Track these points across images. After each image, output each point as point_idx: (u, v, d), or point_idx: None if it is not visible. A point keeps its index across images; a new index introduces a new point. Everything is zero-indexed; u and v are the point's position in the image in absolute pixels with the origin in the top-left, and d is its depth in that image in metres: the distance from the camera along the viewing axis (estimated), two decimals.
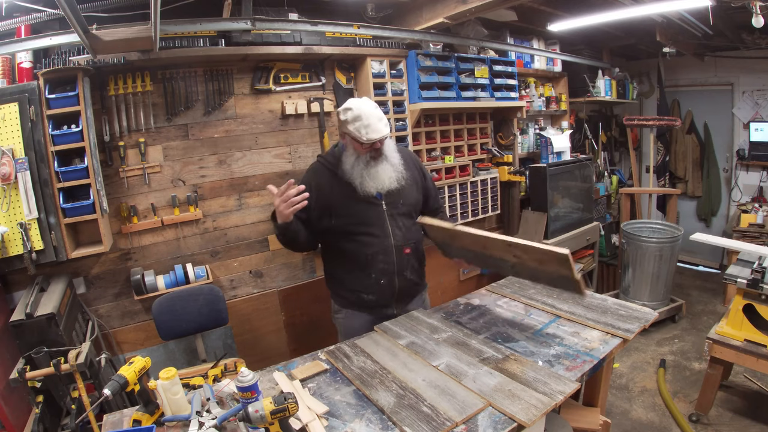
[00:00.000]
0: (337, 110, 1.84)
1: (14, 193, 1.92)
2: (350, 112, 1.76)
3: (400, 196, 1.91)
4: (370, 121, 1.74)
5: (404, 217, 1.93)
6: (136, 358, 1.34)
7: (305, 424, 1.26)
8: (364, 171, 1.82)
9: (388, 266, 1.90)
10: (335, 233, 1.89)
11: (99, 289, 2.38)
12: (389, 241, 1.89)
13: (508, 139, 3.78)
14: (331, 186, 1.87)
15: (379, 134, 1.75)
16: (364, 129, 1.73)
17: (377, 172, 1.83)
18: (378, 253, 1.88)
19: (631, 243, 3.69)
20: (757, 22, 2.54)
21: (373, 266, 1.89)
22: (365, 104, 1.77)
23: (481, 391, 1.34)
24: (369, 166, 1.82)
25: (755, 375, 2.87)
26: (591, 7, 3.06)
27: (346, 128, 1.78)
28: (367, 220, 1.87)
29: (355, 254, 1.89)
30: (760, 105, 4.58)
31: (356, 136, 1.75)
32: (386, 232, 1.89)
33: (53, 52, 2.11)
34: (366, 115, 1.74)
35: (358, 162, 1.82)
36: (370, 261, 1.88)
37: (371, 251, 1.87)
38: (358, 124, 1.74)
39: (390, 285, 1.92)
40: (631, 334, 1.64)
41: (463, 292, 2.26)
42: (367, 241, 1.87)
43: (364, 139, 1.74)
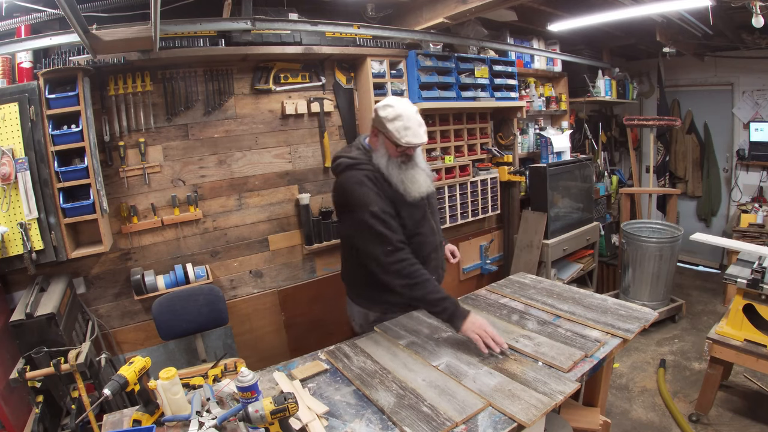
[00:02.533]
0: (375, 105, 1.75)
1: (14, 193, 1.92)
2: (391, 110, 1.67)
3: (432, 193, 1.93)
4: (410, 124, 1.66)
5: (436, 213, 1.99)
6: (136, 358, 1.34)
7: (305, 424, 1.26)
8: (402, 175, 1.75)
9: (438, 262, 1.96)
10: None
11: (99, 289, 2.38)
12: (436, 238, 1.93)
13: (508, 139, 3.78)
14: (391, 191, 1.76)
15: (419, 140, 1.69)
16: (404, 131, 1.66)
17: (414, 176, 1.77)
18: (431, 251, 1.91)
19: (631, 243, 3.69)
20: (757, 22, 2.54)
21: (428, 264, 1.85)
22: (407, 105, 1.70)
23: (481, 391, 1.34)
24: (402, 170, 1.75)
25: (755, 375, 2.87)
26: (591, 7, 3.06)
27: (383, 126, 1.69)
28: (419, 221, 1.86)
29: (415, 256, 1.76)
30: (760, 105, 4.58)
31: (394, 138, 1.67)
32: (432, 230, 1.92)
33: (53, 52, 2.11)
34: (407, 117, 1.66)
35: (390, 164, 1.75)
36: (426, 260, 1.85)
37: (426, 251, 1.88)
38: (398, 124, 1.66)
39: (438, 280, 1.93)
40: (631, 334, 1.64)
41: (463, 291, 2.26)
42: (423, 242, 1.87)
43: (402, 141, 1.66)
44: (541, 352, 1.54)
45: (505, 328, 1.74)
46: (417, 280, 1.66)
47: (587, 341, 1.60)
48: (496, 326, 1.75)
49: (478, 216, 3.62)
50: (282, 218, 2.88)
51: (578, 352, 1.52)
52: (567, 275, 3.86)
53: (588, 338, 1.62)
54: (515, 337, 1.65)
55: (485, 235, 3.88)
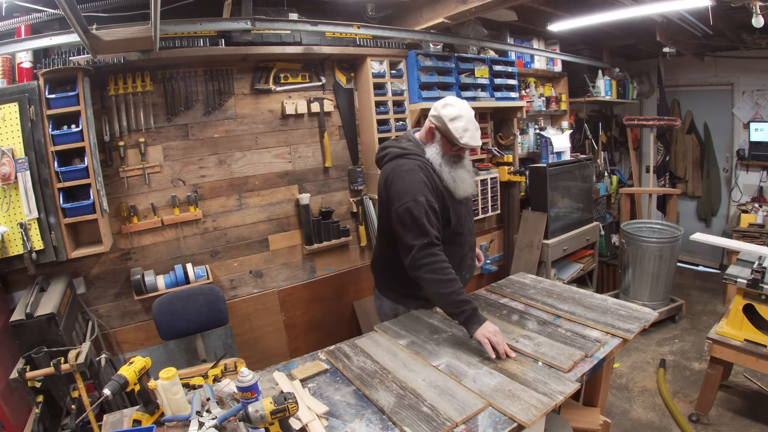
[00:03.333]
0: (436, 103, 1.75)
1: (14, 193, 1.92)
2: (452, 109, 1.69)
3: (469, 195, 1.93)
4: (470, 126, 1.69)
5: (472, 213, 2.04)
6: (136, 358, 1.34)
7: (305, 424, 1.26)
8: (453, 173, 1.77)
9: (472, 262, 2.02)
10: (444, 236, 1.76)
11: (99, 289, 2.38)
12: (473, 238, 1.98)
13: (508, 139, 3.78)
14: (441, 188, 1.77)
15: (476, 143, 1.72)
16: (463, 132, 1.68)
17: (462, 176, 1.80)
18: (469, 251, 1.96)
19: (631, 243, 3.69)
20: (757, 22, 2.53)
21: (463, 263, 1.92)
22: (467, 107, 1.72)
23: (481, 391, 1.34)
24: (453, 168, 1.78)
25: (755, 375, 2.87)
26: (591, 7, 3.06)
27: (443, 123, 1.70)
28: (462, 219, 1.88)
29: (453, 254, 1.77)
30: (760, 105, 4.58)
31: (453, 137, 1.69)
32: (471, 230, 1.97)
33: (53, 52, 2.11)
34: (467, 119, 1.69)
35: (443, 162, 1.76)
36: (463, 259, 1.92)
37: (465, 251, 1.93)
38: (458, 125, 1.68)
39: (470, 279, 2.04)
40: (631, 334, 1.64)
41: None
42: (463, 241, 1.91)
43: (461, 142, 1.69)
44: (541, 352, 1.54)
45: (505, 328, 1.74)
46: (445, 278, 1.63)
47: (587, 341, 1.60)
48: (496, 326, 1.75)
49: (478, 216, 3.61)
50: (282, 218, 2.88)
51: (578, 352, 1.52)
52: (567, 275, 3.86)
53: (588, 338, 1.62)
54: (515, 337, 1.65)
55: (485, 235, 3.88)
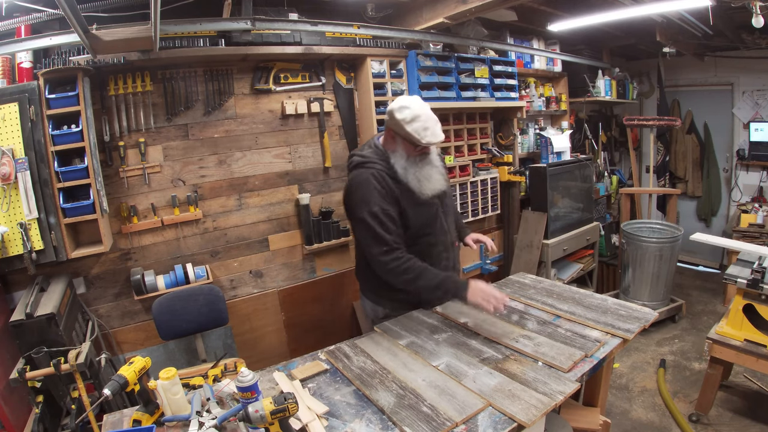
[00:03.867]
0: (390, 107, 1.75)
1: (14, 193, 1.92)
2: (407, 111, 1.68)
3: (446, 192, 1.94)
4: (429, 124, 1.69)
5: (450, 211, 1.99)
6: (136, 358, 1.34)
7: (305, 424, 1.26)
8: (418, 173, 1.78)
9: (449, 262, 1.97)
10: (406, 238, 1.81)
11: (99, 289, 2.38)
12: (448, 237, 1.95)
13: (508, 139, 3.78)
14: (399, 191, 1.78)
15: (438, 138, 1.71)
16: (423, 131, 1.68)
17: (429, 174, 1.80)
18: (442, 251, 1.93)
19: (631, 243, 3.69)
20: (757, 22, 2.54)
21: (438, 264, 1.88)
22: (422, 105, 1.72)
23: (481, 391, 1.34)
24: (419, 167, 1.79)
25: (755, 375, 2.87)
26: (591, 7, 3.06)
27: (401, 128, 1.70)
28: (430, 220, 1.88)
29: (423, 256, 1.81)
30: (760, 105, 4.58)
31: (414, 139, 1.69)
32: (444, 230, 1.93)
33: (53, 52, 2.11)
34: (425, 117, 1.69)
35: (409, 164, 1.77)
36: (437, 259, 1.90)
37: (437, 250, 1.91)
38: (416, 126, 1.68)
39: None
40: (631, 334, 1.64)
41: None
42: (434, 241, 1.90)
43: (423, 142, 1.69)
44: (541, 352, 1.54)
45: (505, 328, 1.74)
46: (414, 274, 1.71)
47: (587, 341, 1.60)
48: (496, 326, 1.75)
49: (478, 216, 3.62)
50: (282, 218, 2.88)
51: (578, 352, 1.52)
52: (567, 275, 3.86)
53: (588, 338, 1.62)
54: (515, 337, 1.65)
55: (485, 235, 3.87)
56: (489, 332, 1.71)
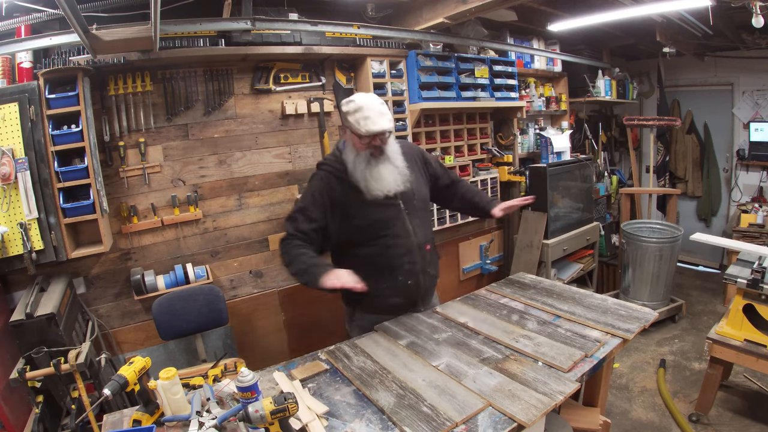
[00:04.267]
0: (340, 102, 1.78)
1: (14, 193, 1.92)
2: (352, 104, 1.71)
3: (413, 192, 1.86)
4: (370, 114, 1.67)
5: (420, 212, 1.90)
6: (136, 358, 1.34)
7: (305, 424, 1.26)
8: (366, 171, 1.74)
9: (414, 266, 1.86)
10: (355, 240, 1.82)
11: (99, 289, 2.38)
12: (412, 240, 1.84)
13: (508, 139, 3.78)
14: (343, 192, 1.78)
15: (377, 126, 1.67)
16: (363, 121, 1.67)
17: (380, 172, 1.75)
18: (403, 254, 1.83)
19: (631, 243, 3.69)
20: (757, 22, 2.54)
21: (399, 268, 1.83)
22: (368, 98, 1.72)
23: (481, 391, 1.34)
24: (370, 165, 1.74)
25: (755, 375, 2.87)
26: (591, 7, 3.06)
27: (346, 120, 1.73)
28: (387, 222, 1.81)
29: (380, 258, 1.81)
30: (760, 105, 4.58)
31: (355, 129, 1.69)
32: (407, 232, 1.83)
33: (53, 52, 2.11)
34: (367, 107, 1.68)
35: (358, 160, 1.75)
36: (396, 263, 1.83)
37: (396, 253, 1.82)
38: (357, 116, 1.68)
39: (417, 285, 1.89)
40: (631, 334, 1.63)
41: (463, 292, 2.26)
42: (391, 243, 1.81)
43: (362, 131, 1.67)
44: (541, 352, 1.54)
45: (505, 328, 1.74)
46: (289, 259, 1.74)
47: (587, 341, 1.60)
48: (496, 326, 1.75)
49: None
50: (282, 218, 2.87)
51: (578, 352, 1.52)
52: (567, 275, 3.86)
53: (588, 338, 1.62)
54: (515, 337, 1.65)
55: (485, 235, 3.88)
56: (489, 332, 1.71)
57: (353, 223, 1.79)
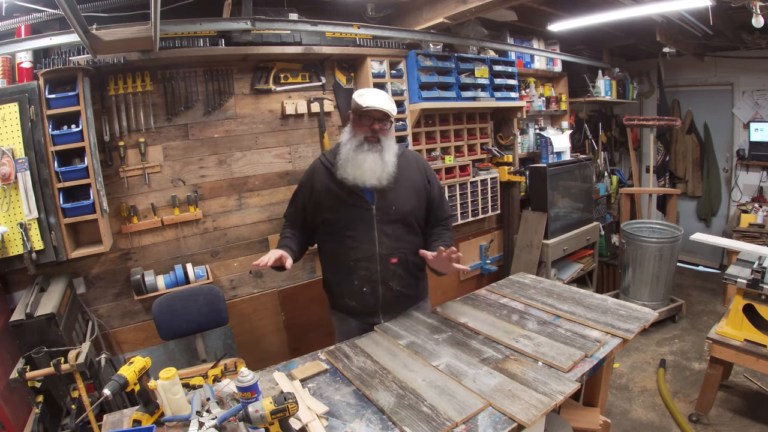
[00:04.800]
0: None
1: (14, 193, 1.92)
2: (360, 91, 1.80)
3: (392, 202, 1.81)
4: (374, 95, 1.75)
5: (395, 225, 1.82)
6: (136, 358, 1.34)
7: (305, 424, 1.26)
8: (351, 153, 1.77)
9: (371, 274, 1.82)
10: (324, 232, 1.90)
11: (99, 289, 2.38)
12: (374, 248, 1.80)
13: (508, 139, 3.78)
14: (325, 184, 1.84)
15: (380, 104, 1.72)
16: (367, 98, 1.74)
17: (364, 160, 1.74)
18: (361, 259, 1.81)
19: (631, 243, 3.69)
20: (757, 22, 2.54)
21: (355, 272, 1.83)
22: (376, 90, 1.81)
23: (481, 391, 1.34)
24: (358, 150, 1.76)
25: (755, 375, 2.87)
26: (591, 7, 3.06)
27: (353, 103, 1.78)
28: (354, 223, 1.80)
29: (340, 257, 1.86)
30: (760, 105, 4.58)
31: (357, 105, 1.75)
32: (371, 239, 1.80)
33: (53, 52, 2.11)
34: (373, 91, 1.78)
35: (350, 142, 1.79)
36: (353, 266, 1.82)
37: (354, 257, 1.81)
38: (363, 98, 1.75)
39: (373, 294, 1.85)
40: (631, 334, 1.64)
41: (463, 292, 2.26)
42: (352, 246, 1.81)
43: (363, 105, 1.72)
44: (541, 352, 1.54)
45: (505, 328, 1.74)
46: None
47: (587, 341, 1.60)
48: (496, 326, 1.75)
49: (478, 216, 3.61)
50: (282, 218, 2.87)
51: (578, 352, 1.52)
52: (567, 275, 3.86)
53: (588, 338, 1.62)
54: (515, 337, 1.65)
55: (485, 235, 3.88)
56: (489, 332, 1.71)
57: (324, 215, 1.86)
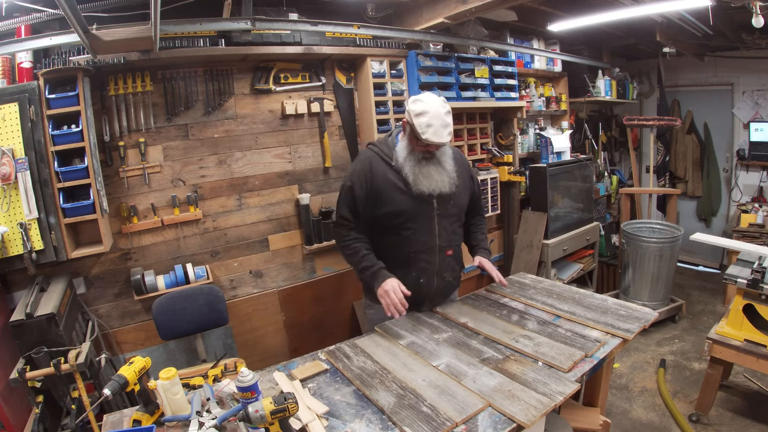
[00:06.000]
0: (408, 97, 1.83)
1: (14, 193, 1.92)
2: (419, 104, 1.72)
3: (451, 197, 1.88)
4: (434, 122, 1.69)
5: (452, 219, 1.92)
6: (136, 358, 1.34)
7: (305, 424, 1.26)
8: (416, 167, 1.78)
9: (430, 266, 1.90)
10: (381, 225, 1.86)
11: (99, 289, 2.38)
12: (434, 240, 1.88)
13: (508, 139, 3.78)
14: (384, 175, 1.82)
15: (438, 139, 1.70)
16: (426, 127, 1.69)
17: (430, 172, 1.80)
18: (421, 251, 1.87)
19: (631, 243, 3.69)
20: (757, 22, 2.54)
21: (414, 264, 1.87)
22: (437, 104, 1.73)
23: (480, 391, 1.34)
24: (421, 164, 1.79)
25: (755, 375, 2.87)
26: (591, 7, 3.06)
27: (410, 118, 1.74)
28: (416, 217, 1.84)
29: (398, 250, 1.86)
30: (760, 105, 4.58)
31: (416, 132, 1.71)
32: (432, 232, 1.87)
33: (53, 52, 2.11)
34: (433, 115, 1.70)
35: (410, 156, 1.79)
36: (413, 259, 1.87)
37: (415, 249, 1.86)
38: (422, 120, 1.69)
39: (429, 285, 1.92)
40: (631, 334, 1.64)
41: (463, 292, 2.26)
42: (413, 238, 1.85)
43: (423, 137, 1.70)
44: (541, 352, 1.54)
45: (505, 328, 1.74)
46: (349, 252, 1.89)
47: (587, 341, 1.60)
48: (496, 326, 1.75)
49: None
50: (282, 218, 2.88)
51: (578, 352, 1.52)
52: (567, 275, 3.86)
53: (588, 338, 1.62)
54: (515, 337, 1.65)
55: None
56: (489, 332, 1.71)
57: (384, 209, 1.83)
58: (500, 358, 1.53)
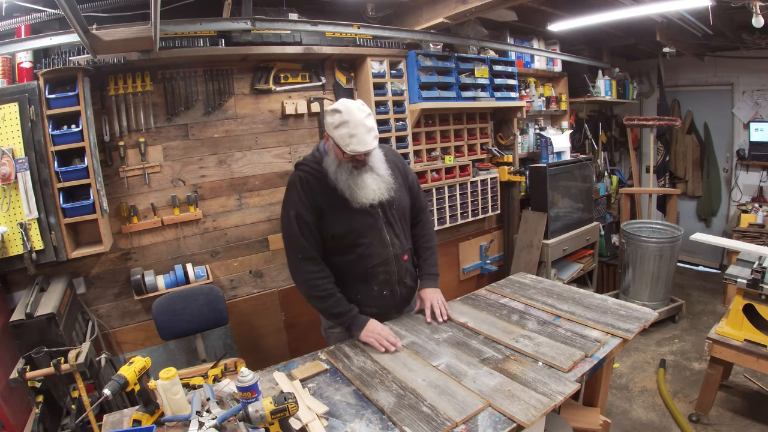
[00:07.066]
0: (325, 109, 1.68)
1: (14, 193, 1.92)
2: (337, 116, 1.59)
3: (393, 202, 1.80)
4: (357, 131, 1.57)
5: (399, 223, 1.85)
6: (136, 358, 1.34)
7: (305, 424, 1.26)
8: (350, 180, 1.68)
9: (390, 276, 1.83)
10: (332, 246, 1.76)
11: (99, 289, 2.38)
12: (389, 251, 1.80)
13: (508, 139, 3.78)
14: (323, 195, 1.71)
15: (364, 147, 1.59)
16: (348, 138, 1.57)
17: (364, 182, 1.69)
18: (378, 264, 1.79)
19: (631, 243, 3.69)
20: (757, 22, 2.54)
21: (374, 278, 1.80)
22: (356, 109, 1.60)
23: (480, 391, 1.34)
24: (353, 175, 1.68)
25: (755, 375, 2.87)
26: (591, 7, 3.06)
27: (330, 132, 1.63)
28: (366, 231, 1.76)
29: (356, 267, 1.78)
30: (760, 105, 4.58)
31: (339, 144, 1.60)
32: (385, 242, 1.79)
33: (53, 52, 2.11)
34: (353, 123, 1.57)
35: (340, 170, 1.68)
36: (372, 273, 1.79)
37: (372, 263, 1.78)
38: (343, 132, 1.58)
39: (392, 295, 1.86)
40: (631, 334, 1.64)
41: (463, 292, 2.26)
42: (368, 253, 1.77)
43: (347, 150, 1.59)
44: (541, 352, 1.54)
45: (505, 328, 1.74)
46: (319, 294, 1.74)
47: (587, 341, 1.60)
48: (496, 326, 1.75)
49: (478, 216, 3.62)
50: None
51: (578, 352, 1.52)
52: (567, 275, 3.86)
53: (588, 338, 1.62)
54: (515, 337, 1.65)
55: (485, 235, 3.88)
56: (489, 332, 1.71)
57: (331, 231, 1.73)
58: (500, 358, 1.53)
